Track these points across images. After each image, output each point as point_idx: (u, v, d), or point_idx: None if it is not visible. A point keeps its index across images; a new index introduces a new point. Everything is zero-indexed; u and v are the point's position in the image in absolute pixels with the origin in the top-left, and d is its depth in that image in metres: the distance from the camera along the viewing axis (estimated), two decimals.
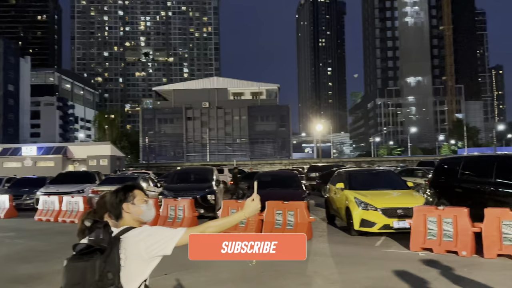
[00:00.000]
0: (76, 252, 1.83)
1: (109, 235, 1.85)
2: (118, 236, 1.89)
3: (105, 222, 1.90)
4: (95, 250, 1.79)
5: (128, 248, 1.87)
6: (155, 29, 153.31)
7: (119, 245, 1.85)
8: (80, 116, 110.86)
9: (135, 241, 1.89)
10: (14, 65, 79.24)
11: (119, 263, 1.83)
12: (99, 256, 1.77)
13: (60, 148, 42.78)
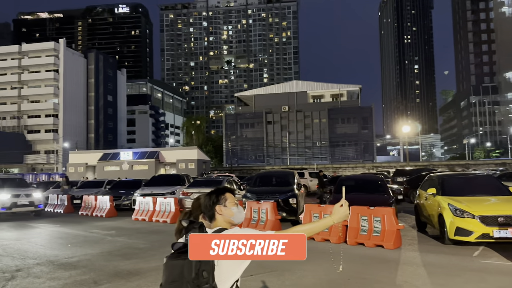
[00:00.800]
0: (174, 251, 1.92)
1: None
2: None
3: (200, 223, 2.00)
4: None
5: None
6: (236, 37, 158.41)
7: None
8: (170, 123, 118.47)
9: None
10: (112, 78, 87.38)
11: (213, 263, 1.88)
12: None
13: (153, 153, 46.00)
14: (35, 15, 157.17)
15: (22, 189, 15.74)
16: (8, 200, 14.80)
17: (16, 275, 6.44)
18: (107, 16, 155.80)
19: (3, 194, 14.91)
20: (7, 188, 15.34)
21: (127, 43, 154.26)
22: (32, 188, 17.01)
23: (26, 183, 17.33)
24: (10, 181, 16.48)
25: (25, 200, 15.17)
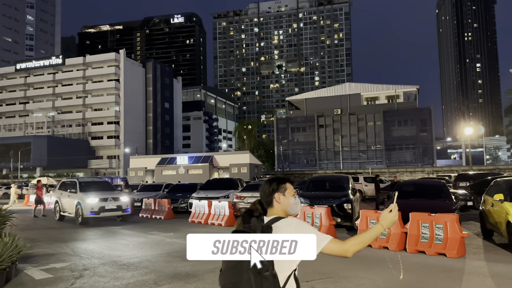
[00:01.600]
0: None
1: (262, 224, 1.95)
2: (269, 224, 1.98)
3: (259, 211, 2.03)
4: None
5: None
6: (287, 41, 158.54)
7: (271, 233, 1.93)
8: (223, 128, 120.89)
9: (285, 231, 1.95)
10: (169, 86, 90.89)
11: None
12: None
13: (207, 157, 47.18)
14: (97, 28, 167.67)
15: (109, 193, 15.06)
16: (96, 204, 14.18)
17: (83, 274, 6.88)
18: (163, 27, 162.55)
19: (91, 198, 14.24)
20: (94, 191, 14.82)
21: (182, 51, 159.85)
22: (118, 191, 16.47)
23: (111, 186, 16.58)
24: (96, 184, 15.92)
25: (113, 204, 14.54)
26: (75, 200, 14.62)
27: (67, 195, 15.43)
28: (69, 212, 15.23)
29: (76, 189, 14.93)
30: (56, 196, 16.42)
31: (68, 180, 16.82)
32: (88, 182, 16.08)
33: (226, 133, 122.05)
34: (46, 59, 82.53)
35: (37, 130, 78.06)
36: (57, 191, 16.78)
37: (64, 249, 9.34)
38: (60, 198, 15.96)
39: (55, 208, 16.43)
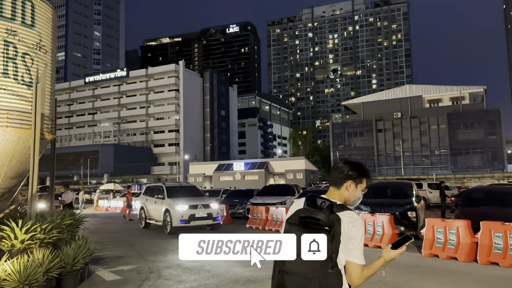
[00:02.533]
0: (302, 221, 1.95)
1: (334, 216, 1.92)
2: (337, 212, 1.95)
3: (332, 202, 1.99)
4: (323, 228, 1.90)
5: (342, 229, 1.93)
6: (342, 45, 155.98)
7: (340, 226, 1.91)
8: (277, 134, 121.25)
9: (348, 226, 1.93)
10: (225, 94, 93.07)
11: (339, 244, 1.90)
12: (327, 235, 1.87)
13: (263, 163, 47.51)
14: (158, 41, 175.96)
15: (199, 199, 13.84)
16: (186, 212, 12.93)
17: (149, 276, 7.20)
18: (219, 37, 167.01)
19: (181, 205, 13.02)
20: (183, 197, 13.65)
21: (238, 60, 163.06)
22: (207, 197, 15.37)
23: (199, 192, 15.34)
24: (184, 190, 14.65)
25: (203, 212, 13.18)
26: (162, 207, 13.41)
27: (153, 201, 14.27)
28: (156, 220, 14.03)
29: (164, 195, 13.71)
30: (141, 202, 15.30)
31: (154, 185, 15.86)
32: (175, 187, 14.86)
33: (280, 139, 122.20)
34: (112, 72, 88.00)
35: (105, 139, 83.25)
36: (142, 197, 15.70)
37: (131, 252, 9.84)
38: (146, 205, 14.83)
39: (140, 215, 15.35)
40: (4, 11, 6.44)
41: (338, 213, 1.95)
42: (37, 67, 6.87)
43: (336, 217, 1.92)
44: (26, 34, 6.72)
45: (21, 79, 6.56)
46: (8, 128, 6.37)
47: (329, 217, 1.91)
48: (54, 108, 7.70)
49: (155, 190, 14.78)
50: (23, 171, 7.01)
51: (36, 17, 6.94)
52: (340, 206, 1.99)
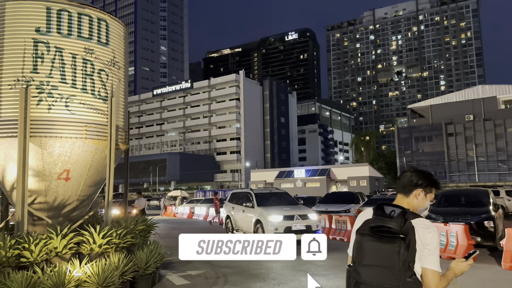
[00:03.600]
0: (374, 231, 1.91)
1: (408, 224, 1.89)
2: (411, 221, 1.91)
3: (405, 209, 1.95)
4: (398, 236, 1.85)
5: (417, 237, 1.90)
6: (407, 46, 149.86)
7: (415, 233, 1.88)
8: (339, 140, 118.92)
9: (422, 232, 1.89)
10: (284, 101, 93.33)
11: (415, 253, 1.85)
12: (402, 243, 1.82)
13: (324, 170, 46.80)
14: (219, 52, 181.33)
15: (294, 208, 11.92)
16: (281, 223, 11.03)
17: (216, 282, 7.35)
18: (278, 45, 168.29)
19: (274, 215, 11.18)
20: (275, 206, 11.96)
21: (297, 67, 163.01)
22: (303, 206, 13.13)
23: (293, 200, 13.27)
24: (275, 197, 12.91)
25: (301, 224, 11.14)
26: (252, 217, 11.83)
27: (241, 209, 12.84)
28: (244, 231, 12.58)
29: (253, 203, 12.18)
30: (227, 210, 14.04)
31: (241, 191, 14.40)
32: (266, 193, 13.17)
33: (342, 145, 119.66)
34: (177, 84, 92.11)
35: (171, 148, 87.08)
36: (227, 204, 14.31)
37: None
38: (232, 213, 13.48)
39: (226, 225, 13.99)
40: (83, 32, 7.01)
41: (412, 220, 1.91)
42: (112, 82, 7.38)
43: (410, 225, 1.88)
44: (102, 52, 7.26)
45: (97, 93, 7.09)
46: (87, 140, 6.89)
47: (402, 225, 1.87)
48: (127, 120, 8.22)
49: (242, 197, 13.32)
50: (100, 179, 7.53)
51: (110, 35, 7.47)
52: (412, 214, 1.96)
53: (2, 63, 6.67)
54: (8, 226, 7.90)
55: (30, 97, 6.47)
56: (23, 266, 6.03)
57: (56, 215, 7.07)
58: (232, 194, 14.57)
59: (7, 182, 6.94)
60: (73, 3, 7.00)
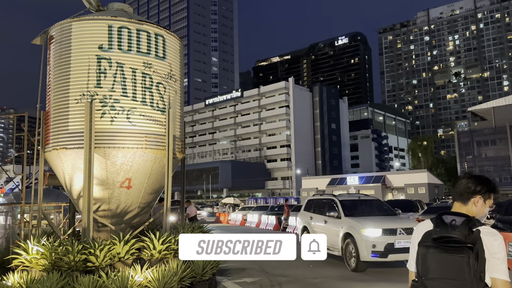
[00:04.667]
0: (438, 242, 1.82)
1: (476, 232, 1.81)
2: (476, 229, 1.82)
3: (470, 217, 1.87)
4: (465, 246, 1.76)
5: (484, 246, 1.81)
6: (465, 46, 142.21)
7: (482, 242, 1.79)
8: (394, 146, 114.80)
9: (489, 241, 1.80)
10: (335, 107, 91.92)
11: (485, 262, 1.77)
12: (471, 253, 1.73)
13: (379, 177, 45.36)
14: (268, 60, 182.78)
15: (394, 220, 9.51)
16: (380, 239, 8.66)
17: None
18: (328, 50, 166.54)
19: (371, 228, 8.84)
20: (370, 217, 9.62)
21: (347, 71, 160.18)
22: (404, 217, 11.15)
23: (389, 209, 10.58)
24: (365, 205, 10.80)
25: (406, 241, 8.51)
26: (339, 231, 9.56)
27: (322, 220, 10.62)
28: (328, 247, 9.72)
29: (339, 212, 9.94)
30: (303, 221, 11.71)
31: (321, 197, 12.11)
32: (354, 201, 10.89)
33: (397, 151, 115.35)
34: (228, 93, 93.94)
35: (223, 156, 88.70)
36: (303, 213, 12.06)
37: (252, 264, 10.16)
38: (311, 224, 11.19)
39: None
40: (141, 47, 7.37)
41: (477, 228, 1.83)
42: (169, 94, 7.68)
43: (477, 233, 1.80)
44: (159, 66, 7.58)
45: (156, 105, 7.40)
46: (147, 150, 7.20)
47: (467, 234, 1.78)
48: (183, 130, 8.50)
49: (323, 205, 11.12)
50: (159, 187, 7.82)
51: (166, 49, 7.79)
52: (477, 222, 1.87)
53: (69, 79, 7.17)
54: (75, 232, 8.41)
55: (94, 110, 6.89)
56: (90, 270, 6.38)
57: (119, 222, 7.43)
58: (309, 201, 12.33)
59: (74, 191, 7.41)
60: (132, 20, 7.39)
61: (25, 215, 8.63)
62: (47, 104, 7.64)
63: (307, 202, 12.43)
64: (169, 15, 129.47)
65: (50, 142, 7.35)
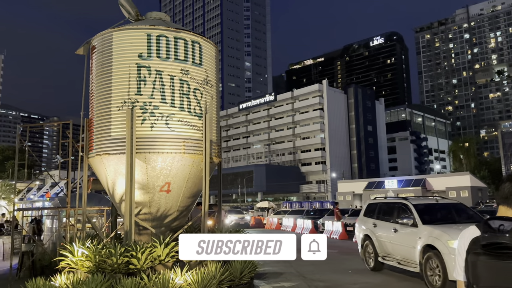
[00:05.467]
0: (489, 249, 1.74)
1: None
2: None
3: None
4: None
5: None
6: (508, 42, 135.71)
7: None
8: (433, 148, 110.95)
9: None
10: (371, 108, 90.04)
11: None
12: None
13: (419, 180, 44.01)
14: (301, 63, 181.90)
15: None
16: None
17: None
18: (362, 51, 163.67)
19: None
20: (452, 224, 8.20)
21: (383, 72, 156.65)
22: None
23: (474, 214, 9.04)
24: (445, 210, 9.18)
25: None
26: (416, 241, 8.00)
27: (391, 228, 8.96)
28: (399, 261, 8.64)
29: (414, 219, 8.31)
30: (366, 228, 10.07)
31: (388, 201, 10.35)
32: (432, 205, 9.20)
33: (438, 153, 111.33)
34: (261, 97, 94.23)
35: (257, 160, 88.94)
36: (363, 219, 10.42)
37: (289, 269, 10.11)
38: (375, 233, 9.53)
39: (364, 249, 10.03)
40: (179, 54, 7.54)
41: None
42: (205, 99, 7.80)
43: None
44: (196, 72, 7.73)
45: (193, 111, 7.54)
46: (185, 154, 7.34)
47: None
48: (219, 135, 8.61)
49: (391, 210, 9.52)
50: (196, 191, 7.95)
51: (203, 56, 7.93)
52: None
53: (111, 87, 7.44)
54: (117, 235, 8.68)
55: (135, 117, 7.11)
56: (132, 272, 6.56)
57: (159, 225, 7.60)
58: (371, 205, 10.54)
59: (116, 195, 7.66)
60: (170, 29, 7.59)
61: (70, 218, 9.01)
62: (90, 111, 7.96)
63: (368, 206, 10.67)
64: (203, 22, 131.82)
65: (93, 148, 7.65)
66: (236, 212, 33.33)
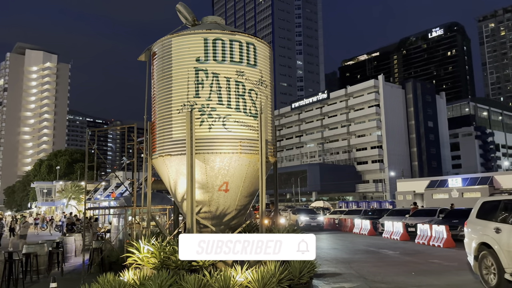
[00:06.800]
0: None
1: None
2: None
3: None
4: None
5: None
6: None
7: None
8: (501, 143, 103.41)
9: None
10: (431, 103, 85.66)
11: None
12: None
13: (486, 178, 41.27)
14: (355, 59, 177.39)
15: None
16: None
17: None
18: (420, 44, 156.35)
19: None
20: None
21: (443, 65, 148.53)
22: None
23: None
24: None
25: None
26: None
27: None
28: None
29: None
30: (481, 234, 7.52)
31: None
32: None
33: (506, 149, 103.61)
34: (314, 96, 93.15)
35: (311, 159, 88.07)
36: (476, 222, 7.96)
37: (349, 270, 9.92)
38: (501, 241, 6.82)
39: (480, 261, 7.42)
40: (234, 56, 7.69)
41: None
42: (260, 100, 7.89)
43: None
44: (251, 73, 7.84)
45: (249, 111, 7.65)
46: (242, 154, 7.48)
47: None
48: (274, 134, 8.66)
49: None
50: (253, 190, 8.06)
51: (257, 57, 8.04)
52: None
53: (171, 91, 7.76)
54: (179, 233, 9.02)
55: (194, 119, 7.36)
56: (194, 269, 6.79)
57: (218, 223, 7.81)
58: (487, 203, 8.06)
59: (178, 194, 7.97)
60: (225, 32, 7.77)
61: (135, 217, 9.50)
62: (152, 115, 8.36)
63: (483, 205, 8.11)
64: (254, 23, 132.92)
65: (156, 149, 8.02)
66: (307, 212, 29.37)
